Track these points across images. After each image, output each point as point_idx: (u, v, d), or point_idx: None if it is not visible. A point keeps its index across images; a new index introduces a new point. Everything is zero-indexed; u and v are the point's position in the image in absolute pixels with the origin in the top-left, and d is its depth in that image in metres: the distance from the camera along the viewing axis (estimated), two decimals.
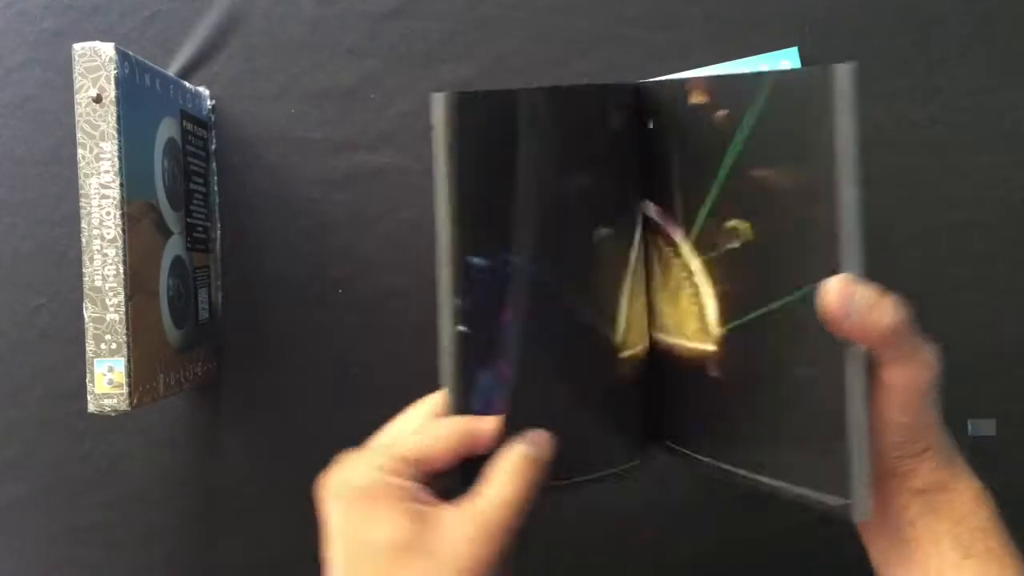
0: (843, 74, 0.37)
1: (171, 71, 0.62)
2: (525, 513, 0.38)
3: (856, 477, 0.39)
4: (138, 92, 0.53)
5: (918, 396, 0.40)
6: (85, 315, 0.50)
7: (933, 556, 0.41)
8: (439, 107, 0.39)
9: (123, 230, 0.50)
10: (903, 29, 0.60)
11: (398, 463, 0.38)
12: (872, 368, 0.39)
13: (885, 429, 0.40)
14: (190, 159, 0.60)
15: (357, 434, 0.62)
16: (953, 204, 0.60)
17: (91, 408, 0.50)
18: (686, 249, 0.45)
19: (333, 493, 0.38)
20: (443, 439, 0.39)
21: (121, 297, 0.50)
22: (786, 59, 0.59)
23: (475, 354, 0.41)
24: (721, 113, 0.41)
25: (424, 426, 0.40)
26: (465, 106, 0.39)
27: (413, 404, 0.43)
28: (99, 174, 0.50)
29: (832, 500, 0.40)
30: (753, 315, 0.42)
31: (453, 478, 0.40)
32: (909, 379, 0.39)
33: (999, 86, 0.60)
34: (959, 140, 0.60)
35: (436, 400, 0.42)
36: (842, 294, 0.37)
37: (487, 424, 0.40)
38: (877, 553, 0.44)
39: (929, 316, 0.59)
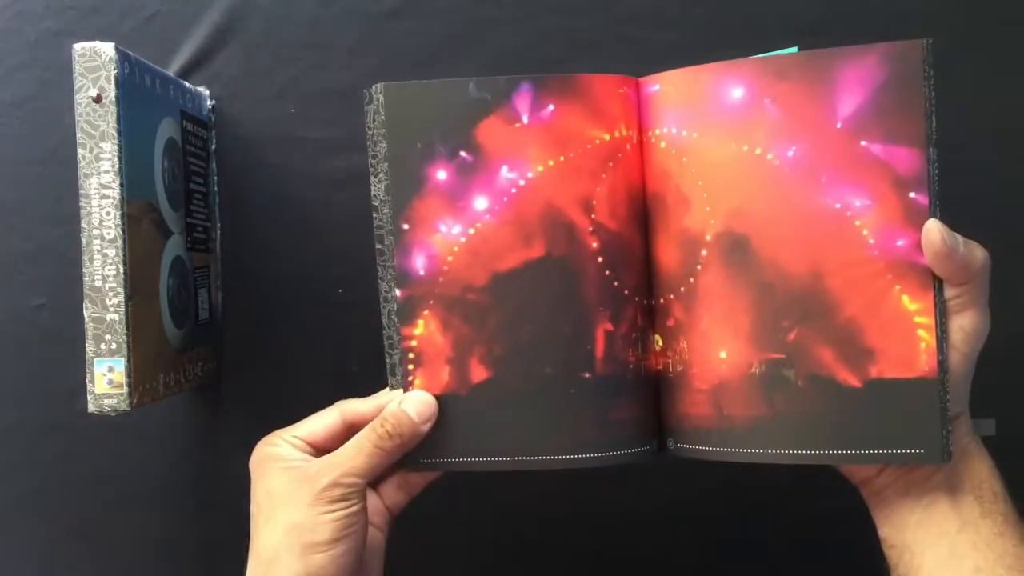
0: None
1: (171, 71, 0.62)
2: (379, 461, 0.46)
3: (944, 423, 0.43)
4: (138, 92, 0.53)
5: (978, 348, 0.44)
6: (85, 315, 0.50)
7: (953, 516, 0.44)
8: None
9: (123, 230, 0.50)
10: (902, 29, 0.60)
11: (286, 439, 0.48)
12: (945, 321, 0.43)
13: None
14: (190, 159, 0.60)
15: None
16: (952, 204, 0.60)
17: (91, 408, 0.50)
18: None
19: (249, 465, 0.48)
20: (324, 420, 0.48)
21: (121, 297, 0.50)
22: None
23: None
24: None
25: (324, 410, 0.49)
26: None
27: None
28: (99, 174, 0.50)
29: (915, 452, 0.43)
30: None
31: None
32: (980, 326, 0.44)
33: (997, 85, 0.60)
34: (958, 140, 0.60)
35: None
36: (945, 233, 0.43)
37: (364, 406, 0.48)
38: (892, 517, 0.46)
39: None
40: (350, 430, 0.48)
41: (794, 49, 0.59)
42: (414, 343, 0.48)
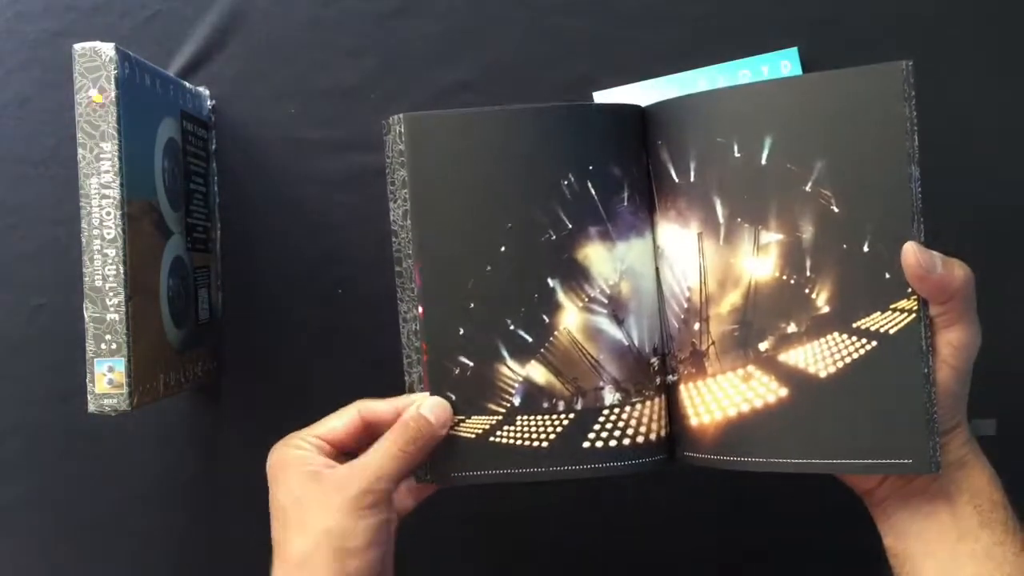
0: None
1: (171, 71, 0.62)
2: (405, 466, 0.46)
3: (932, 434, 0.43)
4: (138, 92, 0.53)
5: (969, 362, 0.45)
6: (85, 315, 0.50)
7: (952, 526, 0.45)
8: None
9: (123, 230, 0.50)
10: (902, 29, 0.60)
11: (307, 440, 0.47)
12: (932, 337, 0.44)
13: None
14: (190, 159, 0.60)
15: None
16: (953, 204, 0.60)
17: (91, 408, 0.50)
18: None
19: (267, 467, 0.48)
20: (343, 418, 0.48)
21: (121, 297, 0.50)
22: (786, 59, 0.59)
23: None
24: None
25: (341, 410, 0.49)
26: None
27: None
28: (99, 174, 0.50)
29: (906, 461, 0.44)
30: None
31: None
32: (968, 341, 0.44)
33: (998, 86, 0.60)
34: (958, 140, 0.60)
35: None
36: (922, 254, 0.43)
37: (382, 407, 0.48)
38: (894, 527, 0.47)
39: None
40: (369, 430, 0.48)
41: (794, 50, 0.60)
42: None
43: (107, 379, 0.50)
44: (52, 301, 0.63)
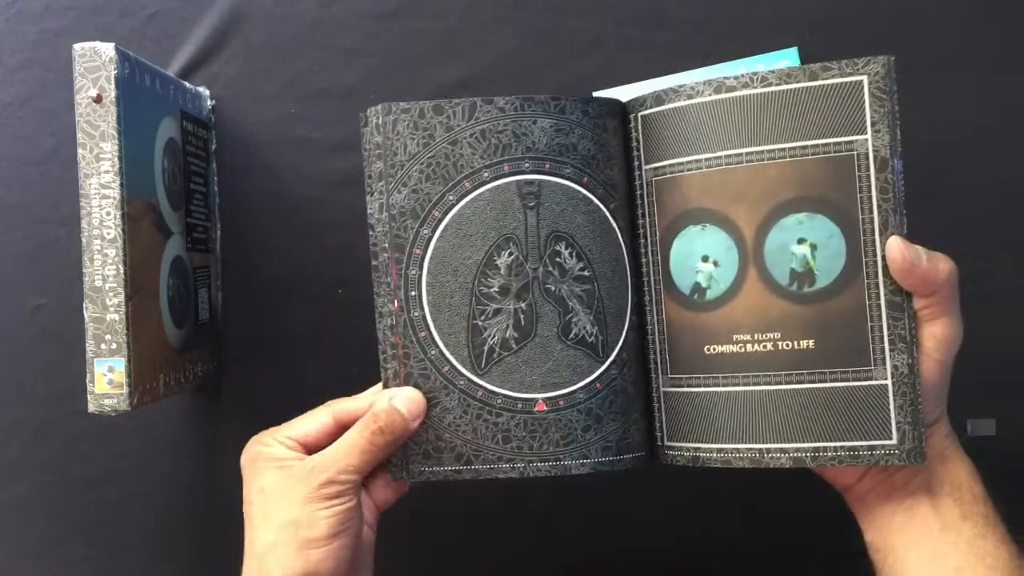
0: None
1: (171, 71, 0.62)
2: (372, 458, 0.47)
3: (917, 426, 0.44)
4: (138, 92, 0.53)
5: (952, 355, 0.45)
6: (85, 315, 0.50)
7: (934, 518, 0.45)
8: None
9: (123, 230, 0.50)
10: (903, 29, 0.60)
11: (280, 438, 0.48)
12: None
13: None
14: (190, 159, 0.60)
15: None
16: (953, 203, 0.60)
17: (91, 408, 0.50)
18: None
19: (241, 467, 0.49)
20: (315, 420, 0.49)
21: (121, 297, 0.50)
22: (786, 59, 0.59)
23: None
24: None
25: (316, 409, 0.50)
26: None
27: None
28: (99, 174, 0.50)
29: (894, 451, 0.44)
30: None
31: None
32: (952, 334, 0.45)
33: (999, 85, 0.60)
34: (959, 140, 0.60)
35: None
36: (907, 248, 0.44)
37: (355, 404, 0.49)
38: (876, 521, 0.47)
39: None
40: (342, 429, 0.48)
41: (794, 50, 0.60)
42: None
43: (107, 379, 0.50)
44: (52, 301, 0.63)
